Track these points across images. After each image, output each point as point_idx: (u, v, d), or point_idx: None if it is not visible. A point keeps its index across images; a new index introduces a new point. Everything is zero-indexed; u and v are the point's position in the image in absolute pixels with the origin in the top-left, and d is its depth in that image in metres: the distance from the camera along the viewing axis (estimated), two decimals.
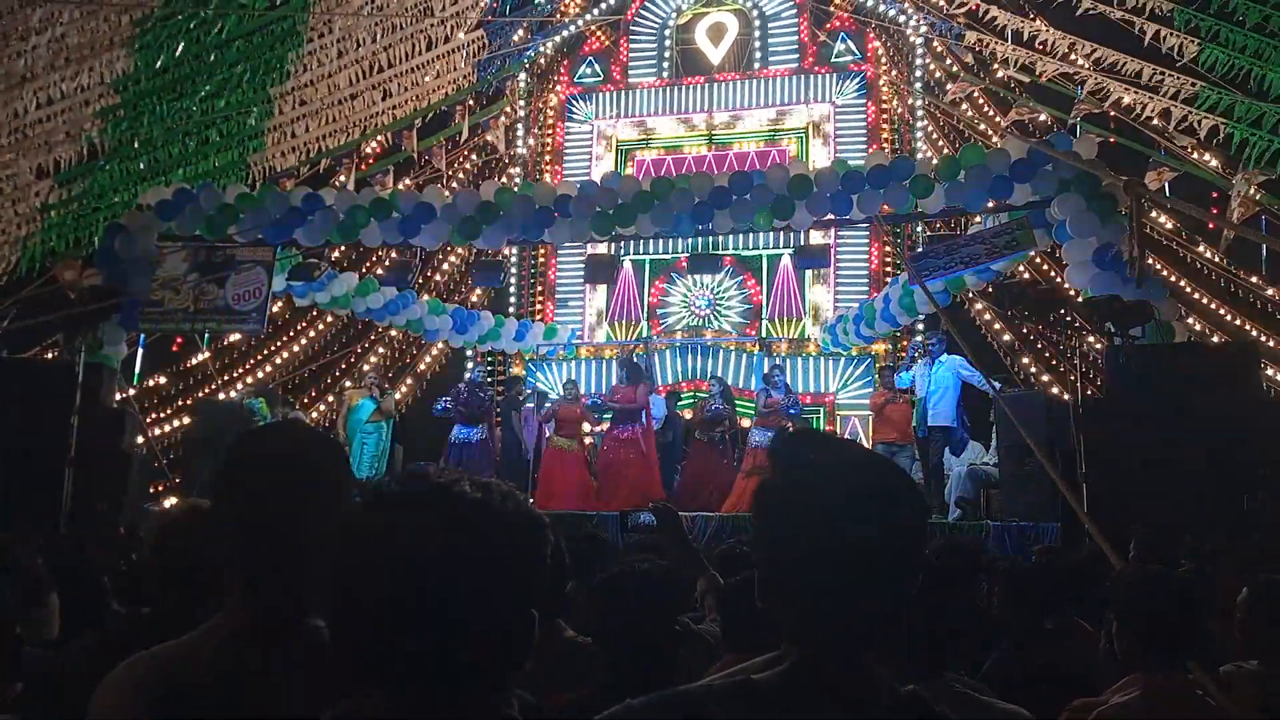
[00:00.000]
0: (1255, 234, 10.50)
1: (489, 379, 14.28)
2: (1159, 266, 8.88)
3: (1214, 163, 12.18)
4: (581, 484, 10.34)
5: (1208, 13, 11.21)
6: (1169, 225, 13.79)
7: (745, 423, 11.36)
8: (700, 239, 11.05)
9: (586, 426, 11.28)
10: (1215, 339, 13.11)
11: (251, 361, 14.83)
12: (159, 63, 12.01)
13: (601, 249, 13.45)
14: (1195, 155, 12.17)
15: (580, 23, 15.83)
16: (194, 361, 14.16)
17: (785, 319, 14.04)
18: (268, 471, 1.38)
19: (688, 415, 11.70)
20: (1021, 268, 12.25)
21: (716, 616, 3.09)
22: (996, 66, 13.63)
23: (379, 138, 13.83)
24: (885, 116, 14.63)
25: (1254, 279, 13.57)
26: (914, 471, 10.23)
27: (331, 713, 0.99)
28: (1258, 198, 11.36)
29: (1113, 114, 12.29)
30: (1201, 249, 13.78)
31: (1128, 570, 2.77)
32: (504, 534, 0.99)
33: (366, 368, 11.95)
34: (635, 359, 12.34)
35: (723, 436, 10.42)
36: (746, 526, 6.17)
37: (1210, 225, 12.13)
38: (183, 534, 2.09)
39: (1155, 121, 12.06)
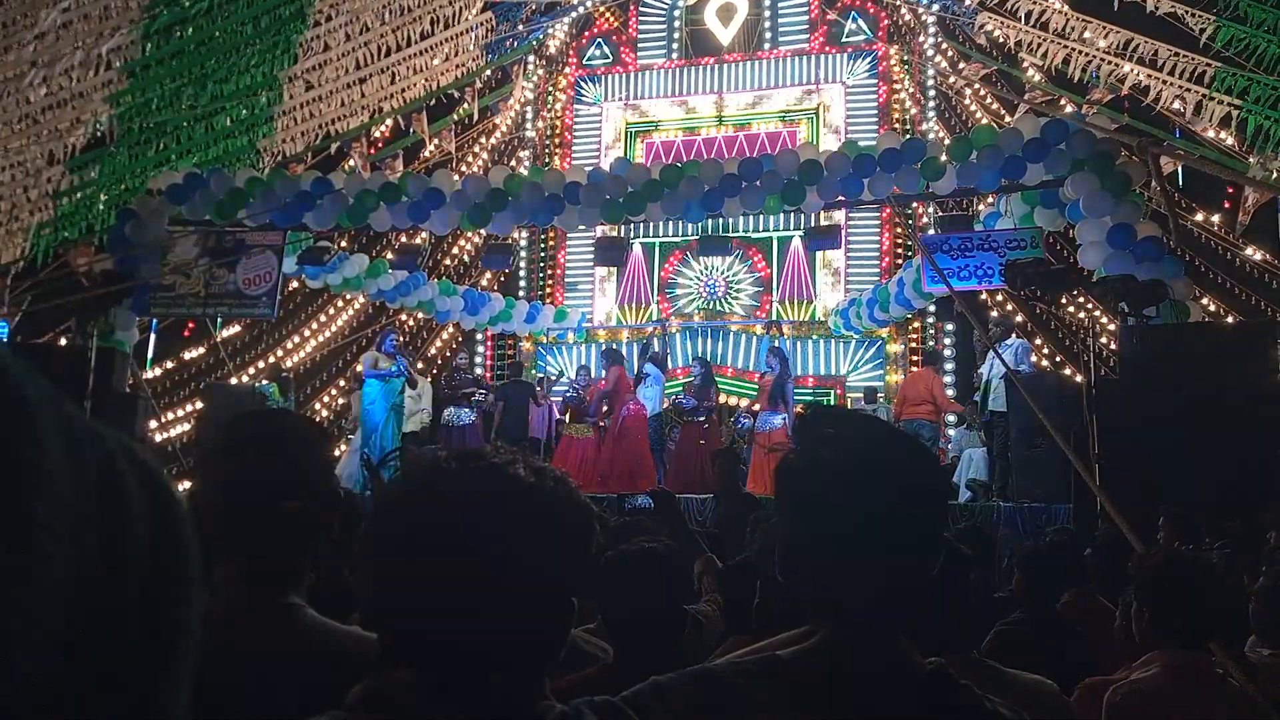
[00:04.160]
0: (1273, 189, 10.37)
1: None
2: (1170, 244, 8.76)
3: (1230, 141, 12.02)
4: (585, 470, 10.35)
5: None
6: (1181, 203, 13.66)
7: (742, 402, 11.39)
8: (710, 221, 11.02)
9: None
10: (1230, 318, 13.01)
11: (263, 347, 14.87)
12: (168, 46, 12.01)
13: (611, 232, 13.43)
14: (1212, 134, 12.02)
15: (589, 4, 15.75)
16: (192, 355, 14.18)
17: (796, 301, 14.00)
18: (249, 455, 1.41)
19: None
20: None
21: (713, 596, 3.11)
22: (1010, 46, 13.48)
23: (388, 121, 13.82)
24: (897, 96, 14.53)
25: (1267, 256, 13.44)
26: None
27: (359, 689, 0.98)
28: (1275, 178, 11.23)
29: (1127, 92, 12.15)
30: (1216, 227, 13.65)
31: (1152, 550, 2.75)
32: (555, 518, 0.98)
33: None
34: (653, 344, 12.36)
35: (707, 417, 10.47)
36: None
37: (1229, 189, 11.97)
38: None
39: (1174, 105, 11.90)
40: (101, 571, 0.48)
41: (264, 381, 11.55)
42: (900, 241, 13.80)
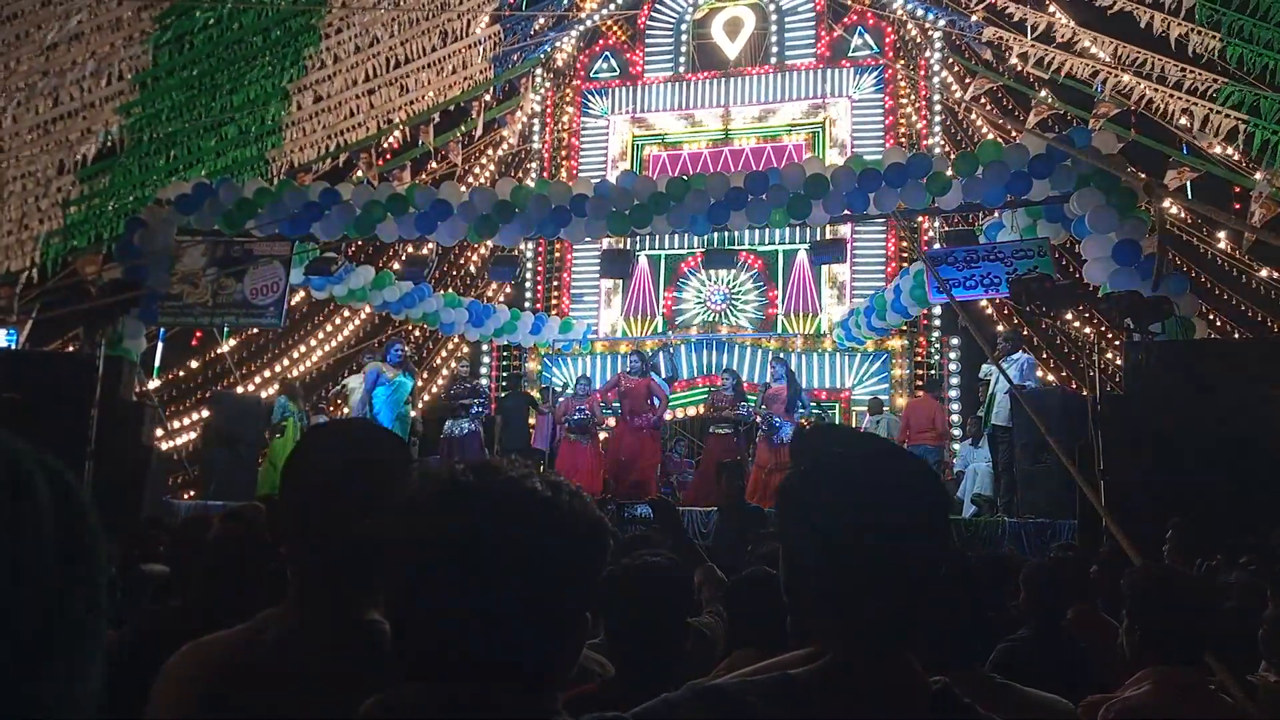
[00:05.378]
0: (1275, 236, 10.36)
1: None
2: (1177, 261, 8.75)
3: (1236, 156, 12.01)
4: (587, 476, 10.33)
5: (1231, 7, 11.03)
6: (1187, 220, 13.66)
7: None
8: (716, 234, 11.05)
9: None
10: (1236, 335, 12.99)
11: (270, 356, 14.91)
12: (179, 58, 12.10)
13: (617, 244, 13.45)
14: (1218, 150, 12.00)
15: (596, 18, 15.82)
16: (196, 362, 14.22)
17: (801, 314, 14.01)
18: (334, 467, 1.36)
19: (700, 411, 11.74)
20: None
21: (714, 608, 3.09)
22: (1016, 61, 13.50)
23: (396, 133, 13.88)
24: (903, 111, 14.56)
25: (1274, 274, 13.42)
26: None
27: (371, 702, 0.98)
28: None
29: (1134, 107, 12.15)
30: (1222, 244, 13.63)
31: (1142, 566, 2.75)
32: (570, 534, 0.98)
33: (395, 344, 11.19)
34: (657, 356, 12.36)
35: (736, 429, 10.44)
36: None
37: (1236, 205, 11.95)
38: (239, 534, 2.16)
39: (1180, 119, 11.88)
40: (5, 567, 0.50)
41: (282, 397, 11.38)
42: (906, 256, 13.79)
